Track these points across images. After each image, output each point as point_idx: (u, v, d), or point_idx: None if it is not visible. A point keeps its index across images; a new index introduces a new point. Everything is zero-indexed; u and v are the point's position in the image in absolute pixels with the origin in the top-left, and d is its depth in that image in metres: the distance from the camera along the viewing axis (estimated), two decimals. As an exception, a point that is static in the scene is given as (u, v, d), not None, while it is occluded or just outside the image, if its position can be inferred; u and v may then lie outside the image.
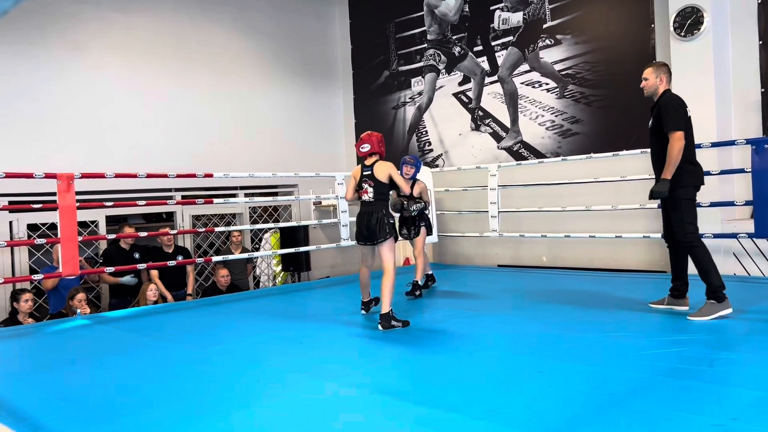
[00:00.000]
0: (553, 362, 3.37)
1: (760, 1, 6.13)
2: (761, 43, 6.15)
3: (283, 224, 8.16)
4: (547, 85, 7.80)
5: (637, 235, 6.51)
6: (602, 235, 6.70)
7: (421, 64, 9.27)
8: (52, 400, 3.16)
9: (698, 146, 5.86)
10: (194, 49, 8.37)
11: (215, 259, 6.92)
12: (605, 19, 7.26)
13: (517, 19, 8.09)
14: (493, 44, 8.38)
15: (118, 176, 5.99)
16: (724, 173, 5.91)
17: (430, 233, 6.07)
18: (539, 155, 7.84)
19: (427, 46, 9.18)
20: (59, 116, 7.10)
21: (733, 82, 6.26)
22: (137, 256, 6.82)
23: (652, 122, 4.44)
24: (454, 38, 8.85)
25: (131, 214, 8.11)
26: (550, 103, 7.78)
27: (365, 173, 4.71)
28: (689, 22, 6.17)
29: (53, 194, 5.45)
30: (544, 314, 4.71)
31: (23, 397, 3.24)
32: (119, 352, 4.24)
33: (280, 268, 8.64)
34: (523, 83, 8.05)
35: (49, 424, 2.79)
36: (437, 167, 8.85)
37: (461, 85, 8.78)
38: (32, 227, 6.90)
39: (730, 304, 4.26)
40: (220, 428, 2.66)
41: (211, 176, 6.71)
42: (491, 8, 8.34)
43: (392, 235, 4.62)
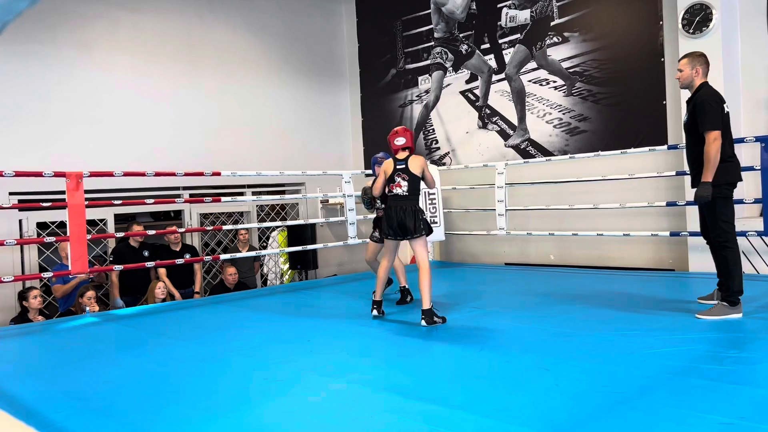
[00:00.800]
0: (560, 360, 3.36)
1: (769, -3, 6.09)
2: (771, 39, 6.11)
3: (290, 222, 8.18)
4: (554, 82, 7.78)
5: (645, 233, 6.48)
6: (610, 233, 6.68)
7: (428, 62, 9.26)
8: (61, 396, 3.18)
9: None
10: (202, 47, 8.40)
11: (223, 257, 6.95)
12: (613, 16, 7.23)
13: (524, 16, 8.06)
14: (500, 42, 8.36)
15: (126, 175, 6.03)
16: (733, 171, 5.87)
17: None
18: (547, 153, 7.82)
19: (434, 44, 9.17)
20: (68, 115, 7.14)
21: (742, 79, 6.22)
22: (146, 254, 6.86)
23: (687, 118, 4.27)
24: (461, 36, 8.83)
25: (139, 212, 8.15)
26: (557, 100, 7.76)
27: (399, 167, 4.63)
28: (698, 19, 6.13)
29: (62, 193, 5.49)
30: (551, 312, 4.70)
31: (33, 393, 3.26)
32: (128, 349, 4.27)
33: (287, 266, 8.67)
34: (530, 81, 8.03)
35: (58, 420, 2.81)
36: (444, 165, 8.85)
37: (468, 83, 8.77)
38: (41, 225, 6.94)
39: (741, 309, 4.17)
40: (228, 425, 2.67)
41: (218, 175, 6.74)
42: (498, 6, 8.32)
43: (426, 230, 4.58)
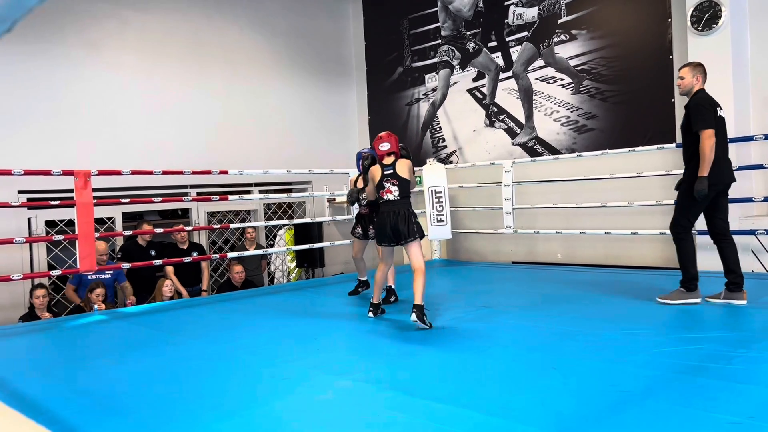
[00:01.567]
0: (567, 359, 3.35)
1: (779, -6, 6.05)
2: (781, 37, 6.06)
3: (297, 221, 8.19)
4: (562, 80, 7.75)
5: (653, 231, 6.45)
6: (618, 231, 6.66)
7: (434, 60, 9.25)
8: (70, 394, 3.20)
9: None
10: (209, 46, 8.42)
11: (230, 255, 6.97)
12: (621, 13, 7.19)
13: (531, 14, 8.04)
14: (507, 40, 8.33)
15: (134, 173, 6.05)
16: (742, 169, 5.84)
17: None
18: (554, 151, 7.79)
19: (440, 42, 9.15)
20: (76, 114, 7.18)
21: (751, 76, 6.18)
22: (153, 253, 6.88)
23: (683, 120, 4.56)
24: (468, 34, 8.81)
25: (147, 210, 8.18)
26: (565, 98, 7.73)
27: (386, 172, 4.62)
28: (707, 16, 6.09)
29: (71, 191, 5.52)
30: (558, 311, 4.69)
31: (42, 391, 3.28)
32: (136, 347, 4.29)
33: (294, 264, 8.68)
34: (537, 79, 8.01)
35: (68, 418, 2.82)
36: (451, 164, 8.83)
37: (475, 81, 8.75)
38: (50, 224, 6.98)
39: (699, 295, 4.60)
40: (236, 423, 2.68)
41: (226, 173, 6.76)
42: (506, 4, 8.30)
43: (420, 233, 4.56)
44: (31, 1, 0.95)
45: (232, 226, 7.08)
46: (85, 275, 6.10)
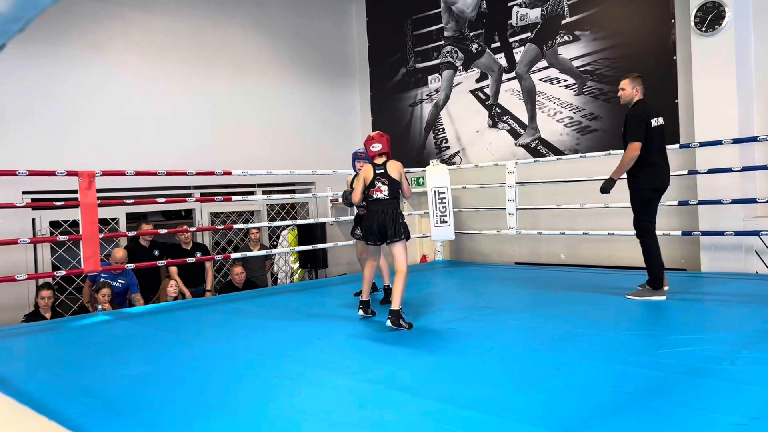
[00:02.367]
0: (571, 360, 3.35)
1: (783, -6, 6.04)
2: (784, 37, 6.05)
3: (300, 221, 8.20)
4: (565, 81, 7.75)
5: (657, 232, 6.44)
6: (621, 232, 6.64)
7: (438, 61, 9.25)
8: (75, 394, 3.21)
9: (719, 143, 5.84)
10: (212, 47, 8.44)
11: (234, 256, 6.97)
12: (624, 14, 7.18)
13: (535, 15, 8.04)
14: (510, 41, 8.33)
15: (138, 174, 6.07)
16: (746, 170, 5.84)
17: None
18: (557, 152, 7.79)
19: (444, 43, 9.15)
20: (80, 115, 7.20)
21: (755, 77, 6.17)
22: (156, 253, 6.90)
23: (623, 129, 4.99)
24: (471, 35, 8.81)
25: (151, 211, 8.20)
26: (568, 99, 7.73)
27: (378, 172, 4.66)
28: (710, 17, 6.09)
29: (75, 192, 5.54)
30: (562, 312, 4.69)
31: (46, 390, 3.29)
32: (140, 347, 4.30)
33: (297, 265, 8.69)
34: (541, 80, 8.00)
35: (71, 417, 2.83)
36: (454, 164, 8.83)
37: (478, 81, 8.75)
38: (54, 224, 7.01)
39: (664, 292, 4.90)
40: (238, 423, 2.68)
41: (229, 174, 6.77)
42: (509, 4, 8.30)
43: (406, 235, 4.58)
44: (44, 0, 0.97)
45: (235, 226, 7.08)
46: (100, 275, 6.15)
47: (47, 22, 6.95)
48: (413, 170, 8.82)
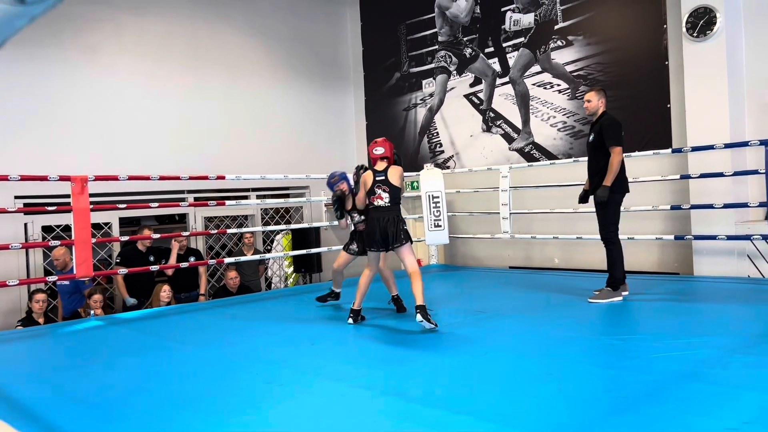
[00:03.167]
0: (564, 365, 3.36)
1: (774, 0, 6.08)
2: (775, 43, 6.10)
3: (294, 226, 8.18)
4: (558, 86, 7.78)
5: (649, 236, 6.47)
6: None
7: (432, 65, 9.27)
8: (64, 400, 3.19)
9: (711, 147, 5.88)
10: (207, 51, 8.43)
11: (227, 260, 6.95)
12: (617, 19, 7.22)
13: (528, 20, 8.07)
14: (504, 45, 8.36)
15: (131, 178, 6.05)
16: (737, 174, 5.87)
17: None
18: (551, 156, 7.81)
19: (438, 47, 9.18)
20: (73, 118, 7.17)
21: (746, 82, 6.21)
22: (152, 258, 6.88)
23: (593, 138, 5.13)
24: (465, 40, 8.84)
25: (144, 216, 8.18)
26: (561, 104, 7.75)
27: (378, 178, 4.70)
28: (702, 22, 6.12)
29: (67, 196, 5.52)
30: (555, 316, 4.70)
31: (37, 396, 3.27)
32: (132, 353, 4.28)
33: (291, 269, 8.67)
34: (534, 84, 8.03)
35: (61, 425, 2.82)
36: (448, 169, 8.84)
37: (472, 86, 8.77)
38: (47, 229, 6.97)
39: (621, 294, 5.12)
40: (229, 430, 2.67)
41: (223, 178, 6.75)
42: (502, 9, 8.33)
43: (407, 238, 4.65)
44: (20, 21, 0.96)
45: (229, 231, 7.08)
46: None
47: (39, 24, 6.91)
48: (407, 174, 8.80)
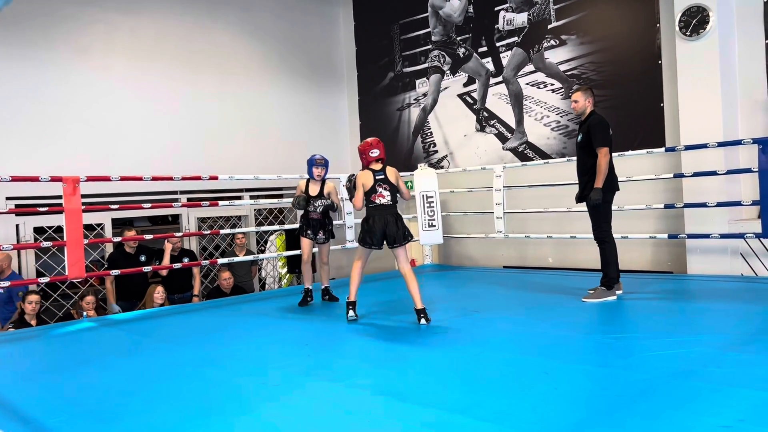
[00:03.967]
0: (559, 363, 3.35)
1: (766, 0, 6.10)
2: (767, 42, 6.12)
3: (288, 226, 8.15)
4: (552, 85, 7.78)
5: (643, 235, 6.48)
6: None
7: (425, 65, 9.27)
8: (57, 402, 3.17)
9: (704, 146, 5.89)
10: (199, 51, 8.40)
11: (220, 261, 6.93)
12: (610, 19, 7.23)
13: (521, 19, 8.07)
14: (497, 45, 8.36)
15: (123, 179, 6.01)
16: (730, 173, 5.88)
17: (332, 237, 6.07)
18: (545, 156, 7.82)
19: (431, 47, 9.17)
20: (65, 119, 7.13)
21: (739, 81, 6.23)
22: (143, 258, 6.84)
23: (581, 138, 5.12)
24: (458, 39, 8.84)
25: (137, 216, 8.14)
26: (555, 103, 7.76)
27: (378, 177, 4.86)
28: (695, 21, 6.14)
29: (59, 197, 5.48)
30: (550, 315, 4.69)
31: (29, 399, 3.25)
32: (125, 354, 4.26)
33: (285, 270, 8.65)
34: (528, 84, 8.04)
35: (54, 426, 2.79)
36: (442, 168, 8.84)
37: (466, 86, 8.77)
38: (38, 230, 6.93)
39: (615, 293, 5.13)
40: (226, 431, 2.65)
41: (216, 179, 6.72)
42: (496, 9, 8.33)
43: (410, 237, 4.83)
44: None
45: (222, 232, 7.04)
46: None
47: (29, 24, 6.88)
48: (401, 174, 8.80)
